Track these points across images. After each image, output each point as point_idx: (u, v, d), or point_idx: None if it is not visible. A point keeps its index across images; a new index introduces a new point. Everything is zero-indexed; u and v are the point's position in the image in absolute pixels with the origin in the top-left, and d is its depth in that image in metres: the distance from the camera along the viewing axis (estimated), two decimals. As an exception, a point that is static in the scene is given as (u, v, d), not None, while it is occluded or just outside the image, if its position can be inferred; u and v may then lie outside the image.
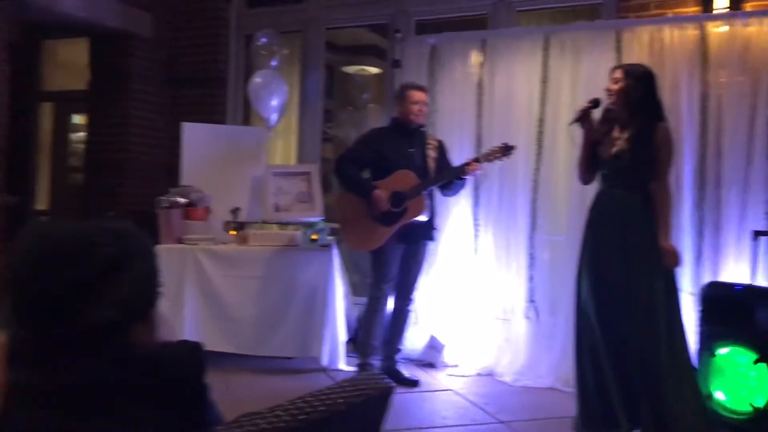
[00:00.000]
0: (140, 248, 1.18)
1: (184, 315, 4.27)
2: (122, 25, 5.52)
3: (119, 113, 5.69)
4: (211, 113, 5.77)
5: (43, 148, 7.46)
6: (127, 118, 5.68)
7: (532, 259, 4.35)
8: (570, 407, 3.30)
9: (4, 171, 4.71)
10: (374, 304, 4.09)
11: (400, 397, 3.74)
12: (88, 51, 5.93)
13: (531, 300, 4.32)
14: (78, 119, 7.54)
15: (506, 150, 3.95)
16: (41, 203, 6.97)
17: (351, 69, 8.19)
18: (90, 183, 6.00)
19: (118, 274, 1.10)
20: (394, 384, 1.29)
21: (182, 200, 4.55)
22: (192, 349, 1.19)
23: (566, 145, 4.02)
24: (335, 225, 4.45)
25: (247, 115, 5.93)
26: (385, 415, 1.29)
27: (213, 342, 4.13)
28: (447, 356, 4.53)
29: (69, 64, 7.27)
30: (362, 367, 4.08)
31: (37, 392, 1.04)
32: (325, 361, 4.30)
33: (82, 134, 7.27)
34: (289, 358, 4.46)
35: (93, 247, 1.10)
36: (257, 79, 5.25)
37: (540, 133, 4.34)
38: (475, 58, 4.64)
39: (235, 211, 4.77)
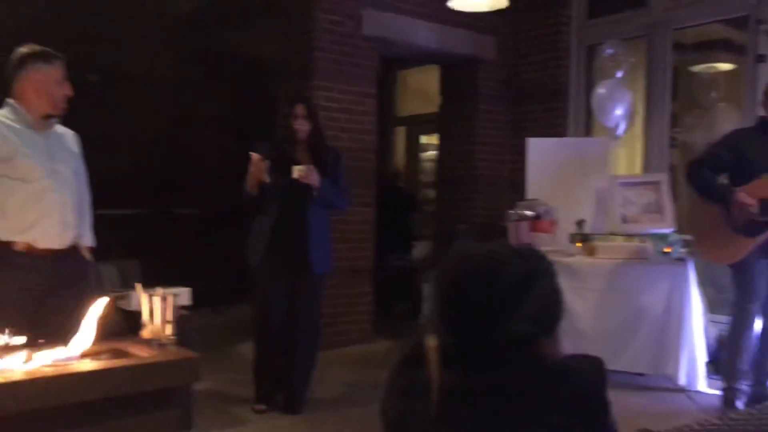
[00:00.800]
0: (544, 268, 1.30)
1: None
2: (470, 51, 5.92)
3: (467, 132, 6.10)
4: (553, 126, 5.86)
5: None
6: (475, 137, 6.06)
7: None
8: None
9: (376, 188, 5.41)
10: (739, 325, 3.74)
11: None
12: (439, 77, 6.49)
13: None
14: (424, 139, 8.33)
15: None
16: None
17: (697, 68, 7.60)
18: (441, 197, 6.54)
19: (528, 291, 1.23)
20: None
21: (530, 213, 4.71)
22: (596, 363, 1.27)
23: None
24: (688, 236, 4.19)
25: (588, 125, 5.89)
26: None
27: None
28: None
29: (418, 90, 8.06)
30: (728, 391, 3.76)
31: (465, 393, 1.20)
32: (682, 380, 4.08)
33: (430, 153, 8.00)
34: (641, 374, 4.31)
35: (505, 266, 1.24)
36: (601, 90, 5.20)
37: None
38: None
39: (580, 222, 4.77)
